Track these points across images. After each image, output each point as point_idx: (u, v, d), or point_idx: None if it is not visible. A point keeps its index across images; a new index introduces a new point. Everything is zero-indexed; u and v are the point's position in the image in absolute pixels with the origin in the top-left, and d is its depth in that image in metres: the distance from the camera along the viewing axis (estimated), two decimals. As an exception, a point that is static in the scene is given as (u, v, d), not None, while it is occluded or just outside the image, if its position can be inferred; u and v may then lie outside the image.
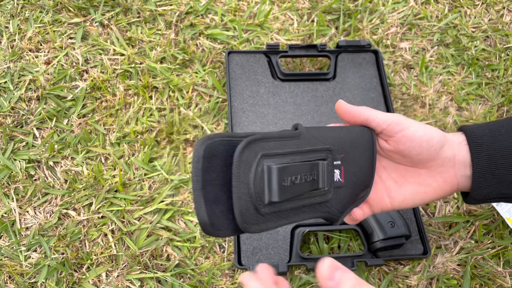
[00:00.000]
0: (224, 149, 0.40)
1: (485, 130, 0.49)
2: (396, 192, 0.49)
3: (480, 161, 0.48)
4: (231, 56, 0.89)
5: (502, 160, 0.47)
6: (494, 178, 0.48)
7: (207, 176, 0.39)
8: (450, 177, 0.48)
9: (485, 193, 0.49)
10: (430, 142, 0.46)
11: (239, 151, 0.39)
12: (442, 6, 1.01)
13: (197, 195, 0.38)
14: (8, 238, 0.73)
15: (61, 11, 0.95)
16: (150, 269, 0.71)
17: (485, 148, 0.48)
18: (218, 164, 0.39)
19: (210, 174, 0.39)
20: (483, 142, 0.48)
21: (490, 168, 0.48)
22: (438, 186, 0.48)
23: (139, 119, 0.83)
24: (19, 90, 0.85)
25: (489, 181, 0.48)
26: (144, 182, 0.78)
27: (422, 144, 0.46)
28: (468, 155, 0.48)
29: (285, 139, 0.42)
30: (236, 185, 0.38)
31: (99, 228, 0.74)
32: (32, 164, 0.79)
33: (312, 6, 0.98)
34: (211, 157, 0.39)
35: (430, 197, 0.49)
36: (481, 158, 0.48)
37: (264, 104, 0.85)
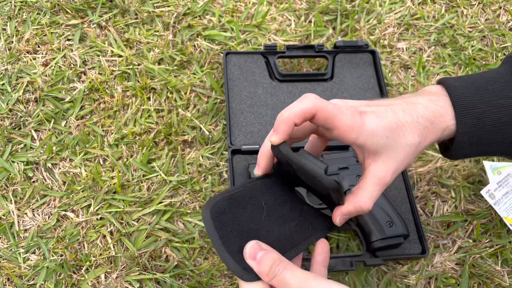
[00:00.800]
0: (228, 204, 0.44)
1: (471, 90, 0.47)
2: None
3: (465, 124, 0.46)
4: (229, 57, 0.89)
5: (488, 121, 0.46)
6: (478, 139, 0.47)
7: (222, 232, 0.42)
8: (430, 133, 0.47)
9: (466, 152, 0.49)
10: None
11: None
12: (439, 6, 1.02)
13: (221, 251, 0.42)
14: (6, 240, 0.73)
15: (59, 12, 0.95)
16: (149, 270, 0.71)
17: (471, 109, 0.46)
18: (228, 219, 0.43)
19: (225, 229, 0.43)
20: (469, 103, 0.47)
21: (475, 130, 0.47)
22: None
23: (137, 120, 0.83)
24: (17, 92, 0.85)
25: (473, 142, 0.47)
26: (142, 183, 0.78)
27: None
28: (451, 118, 0.47)
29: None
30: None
31: (98, 229, 0.74)
32: (30, 166, 0.79)
33: (310, 6, 0.99)
34: (220, 215, 0.43)
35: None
36: (466, 120, 0.46)
37: (262, 104, 0.85)
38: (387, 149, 0.45)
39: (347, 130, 0.44)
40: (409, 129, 0.45)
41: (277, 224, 0.46)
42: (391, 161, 0.45)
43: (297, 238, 0.46)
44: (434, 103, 0.48)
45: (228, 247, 0.42)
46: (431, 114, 0.47)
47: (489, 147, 0.48)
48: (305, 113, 0.44)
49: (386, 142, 0.45)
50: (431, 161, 0.82)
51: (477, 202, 0.79)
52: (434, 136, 0.47)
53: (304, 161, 0.42)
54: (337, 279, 0.72)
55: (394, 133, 0.45)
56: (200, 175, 0.79)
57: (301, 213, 0.48)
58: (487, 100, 0.46)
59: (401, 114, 0.46)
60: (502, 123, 0.46)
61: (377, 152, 0.45)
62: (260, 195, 0.47)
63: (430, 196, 0.80)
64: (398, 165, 0.46)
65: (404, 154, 0.46)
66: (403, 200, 0.78)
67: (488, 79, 0.48)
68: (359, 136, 0.44)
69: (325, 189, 0.44)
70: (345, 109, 0.45)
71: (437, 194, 0.80)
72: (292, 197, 0.50)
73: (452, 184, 0.80)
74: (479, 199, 0.79)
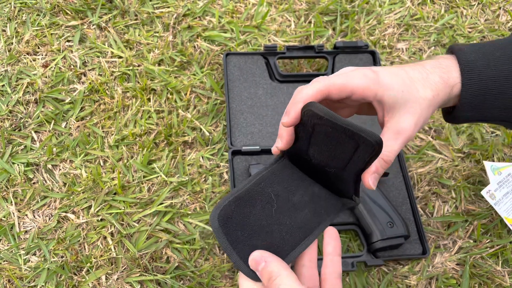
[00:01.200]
0: (235, 207, 0.44)
1: (478, 54, 0.48)
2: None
3: (471, 87, 0.48)
4: (229, 58, 0.89)
5: (492, 85, 0.47)
6: (481, 102, 0.48)
7: (232, 237, 0.42)
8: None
9: (469, 115, 0.50)
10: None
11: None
12: (439, 6, 1.02)
13: (233, 258, 0.41)
14: (7, 242, 0.73)
15: (58, 14, 0.95)
16: (150, 272, 0.71)
17: (477, 73, 0.47)
18: (237, 222, 0.43)
19: (234, 233, 0.42)
20: (476, 67, 0.48)
21: (480, 94, 0.48)
22: None
23: (138, 121, 0.83)
24: (17, 93, 0.85)
25: (476, 106, 0.48)
26: (143, 184, 0.78)
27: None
28: (458, 76, 0.48)
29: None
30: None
31: (99, 231, 0.74)
32: (30, 168, 0.78)
33: (309, 7, 0.99)
34: (228, 221, 0.42)
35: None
36: (472, 84, 0.48)
37: (262, 105, 0.85)
38: (404, 103, 0.46)
39: (364, 88, 0.45)
40: (421, 85, 0.47)
41: (289, 215, 0.45)
42: (409, 114, 0.46)
43: (311, 225, 0.45)
44: (442, 64, 0.49)
45: (239, 252, 0.41)
46: (440, 71, 0.48)
47: (491, 112, 0.49)
48: (318, 94, 0.45)
49: (403, 96, 0.46)
50: (431, 162, 0.83)
51: (477, 203, 0.79)
52: (445, 92, 0.48)
53: (345, 120, 0.41)
54: (338, 279, 0.72)
55: (408, 88, 0.46)
56: (201, 176, 0.79)
57: (312, 197, 0.47)
58: (493, 65, 0.48)
59: (412, 72, 0.48)
60: (507, 89, 0.47)
61: (395, 107, 0.46)
62: (268, 186, 0.46)
63: (431, 196, 0.80)
64: (416, 118, 0.46)
65: (420, 107, 0.46)
66: (404, 201, 0.78)
67: (496, 46, 0.49)
68: (377, 91, 0.45)
69: (352, 151, 0.42)
70: (356, 72, 0.46)
71: (437, 194, 0.80)
72: (302, 181, 0.48)
73: (452, 185, 0.80)
74: (480, 200, 0.79)
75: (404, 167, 0.80)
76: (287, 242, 0.43)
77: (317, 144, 0.45)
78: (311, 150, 0.46)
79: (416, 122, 0.46)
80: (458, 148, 0.84)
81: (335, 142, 0.43)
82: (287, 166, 0.49)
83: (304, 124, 0.44)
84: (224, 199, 0.44)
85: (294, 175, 0.48)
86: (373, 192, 0.74)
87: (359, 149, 0.41)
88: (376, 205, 0.73)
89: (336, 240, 0.44)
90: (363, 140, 0.40)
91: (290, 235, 0.44)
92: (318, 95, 0.45)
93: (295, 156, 0.49)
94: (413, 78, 0.47)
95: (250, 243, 0.42)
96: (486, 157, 0.83)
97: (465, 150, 0.84)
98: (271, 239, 0.43)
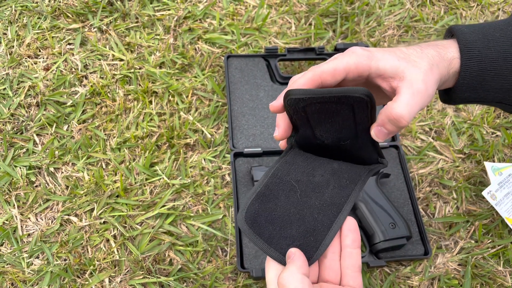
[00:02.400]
0: (259, 204, 0.43)
1: (478, 34, 0.48)
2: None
3: (470, 68, 0.47)
4: (230, 60, 0.89)
5: (490, 66, 0.47)
6: (479, 84, 0.48)
7: (265, 235, 0.41)
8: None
9: (466, 95, 0.49)
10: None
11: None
12: (438, 8, 1.02)
13: (274, 255, 0.40)
14: (10, 245, 0.73)
15: (59, 17, 0.95)
16: (153, 274, 0.71)
17: (477, 53, 0.47)
18: (266, 218, 0.42)
19: (266, 230, 0.42)
20: (475, 47, 0.47)
21: (478, 75, 0.47)
22: None
23: (139, 124, 0.84)
24: (19, 96, 0.85)
25: (474, 86, 0.48)
26: (145, 187, 0.78)
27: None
28: (456, 52, 0.47)
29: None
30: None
31: (101, 233, 0.74)
32: (33, 171, 0.79)
33: (310, 9, 0.99)
34: (256, 219, 0.42)
35: None
36: (471, 65, 0.47)
37: (264, 107, 0.85)
38: (405, 68, 0.44)
39: (356, 64, 0.44)
40: (417, 57, 0.46)
41: (315, 196, 0.44)
42: (416, 73, 0.44)
43: (341, 200, 0.44)
44: (438, 43, 0.49)
45: (277, 248, 0.41)
46: (435, 47, 0.47)
47: (488, 93, 0.49)
48: (310, 83, 0.45)
49: (400, 64, 0.44)
50: (432, 162, 0.83)
51: (478, 203, 0.80)
52: (443, 65, 0.47)
53: (326, 89, 0.41)
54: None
55: (404, 59, 0.45)
56: (203, 178, 0.79)
57: (334, 173, 0.46)
58: (492, 46, 0.47)
59: (405, 49, 0.47)
60: (504, 70, 0.47)
61: (397, 73, 0.44)
62: (286, 175, 0.46)
63: (432, 197, 0.80)
64: (424, 76, 0.44)
65: (423, 69, 0.45)
66: (405, 202, 0.78)
67: (496, 26, 0.49)
68: (371, 63, 0.44)
69: (351, 115, 0.42)
70: (346, 53, 0.45)
71: (438, 195, 0.80)
72: (319, 161, 0.47)
73: (453, 185, 0.81)
74: (481, 200, 0.80)
75: (405, 168, 0.81)
76: (322, 222, 0.42)
77: (319, 124, 0.44)
78: (318, 132, 0.45)
79: (424, 79, 0.44)
80: (458, 149, 0.84)
81: (331, 114, 0.42)
82: (299, 153, 0.48)
83: (295, 111, 0.44)
84: (246, 200, 0.43)
85: (308, 159, 0.48)
86: (375, 193, 0.74)
87: (355, 109, 0.41)
88: (378, 206, 0.73)
89: (355, 232, 0.43)
90: (351, 99, 0.40)
91: (323, 214, 0.43)
92: (311, 85, 0.44)
93: (308, 145, 0.48)
94: (407, 53, 0.46)
95: (285, 234, 0.41)
96: (487, 158, 0.83)
97: (466, 151, 0.84)
98: (305, 224, 0.42)
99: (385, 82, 0.45)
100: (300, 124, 0.46)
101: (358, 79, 0.46)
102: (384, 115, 0.43)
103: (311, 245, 0.41)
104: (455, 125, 0.87)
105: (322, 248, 0.41)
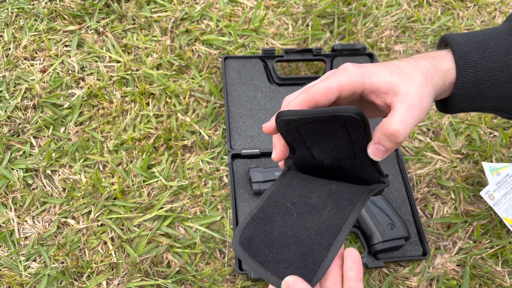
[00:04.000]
0: (254, 227, 0.42)
1: (473, 44, 0.47)
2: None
3: (466, 78, 0.47)
4: (227, 62, 0.89)
5: (487, 76, 0.46)
6: (476, 93, 0.47)
7: (261, 258, 0.40)
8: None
9: (463, 105, 0.49)
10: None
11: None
12: (435, 8, 1.02)
13: (270, 279, 0.39)
14: (7, 248, 0.73)
15: (56, 19, 0.94)
16: (151, 277, 0.71)
17: (472, 64, 0.46)
18: (261, 241, 0.42)
19: (262, 254, 0.41)
20: (471, 57, 0.47)
21: (475, 85, 0.47)
22: None
23: (137, 126, 0.83)
24: (15, 99, 0.85)
25: (471, 95, 0.47)
26: (143, 189, 0.78)
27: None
28: (450, 63, 0.47)
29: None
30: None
31: (99, 236, 0.73)
32: (29, 173, 0.78)
33: (307, 10, 0.99)
34: (251, 243, 0.41)
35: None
36: (467, 75, 0.46)
37: (261, 108, 0.85)
38: (399, 83, 0.43)
39: (349, 81, 0.43)
40: (411, 70, 0.45)
41: (312, 218, 0.43)
42: (410, 88, 0.43)
43: (339, 221, 0.42)
44: (432, 54, 0.48)
45: (273, 271, 0.40)
46: (430, 59, 0.47)
47: (485, 102, 0.49)
48: (303, 105, 0.44)
49: (393, 79, 0.43)
50: (430, 163, 0.83)
51: (476, 203, 0.79)
52: (438, 77, 0.46)
53: (316, 110, 0.39)
54: (339, 282, 0.72)
55: (397, 74, 0.44)
56: (201, 180, 0.79)
57: (331, 194, 0.45)
58: (488, 56, 0.47)
59: (398, 62, 0.46)
60: (501, 79, 0.47)
61: (391, 88, 0.43)
62: (281, 198, 0.45)
63: (430, 197, 0.80)
64: (419, 89, 0.43)
65: (417, 83, 0.44)
66: (403, 202, 0.78)
67: (490, 35, 0.48)
68: (364, 79, 0.43)
69: (345, 135, 0.40)
70: (338, 71, 0.44)
71: (436, 195, 0.80)
72: (316, 183, 0.46)
73: (451, 186, 0.81)
74: (479, 200, 0.80)
75: (403, 169, 0.80)
76: (319, 244, 0.41)
77: (315, 144, 0.44)
78: (315, 153, 0.45)
79: (420, 93, 0.43)
80: (456, 149, 0.84)
81: (325, 134, 0.41)
82: (296, 175, 0.47)
83: (288, 132, 0.43)
84: (241, 224, 0.42)
85: (305, 181, 0.47)
86: (373, 194, 0.74)
87: (349, 128, 0.40)
88: (376, 207, 0.73)
89: (359, 264, 0.42)
90: (342, 118, 0.38)
91: (321, 236, 0.41)
92: (304, 106, 0.43)
93: (306, 165, 0.47)
94: (400, 66, 0.45)
95: (281, 257, 0.40)
96: (485, 158, 0.83)
97: (464, 151, 0.84)
98: (302, 247, 0.41)
99: (379, 99, 0.45)
100: (296, 145, 0.45)
101: (352, 97, 0.45)
102: (380, 132, 0.42)
103: (309, 267, 0.40)
104: (453, 125, 0.87)
105: (322, 271, 0.40)
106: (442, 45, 0.52)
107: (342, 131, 0.40)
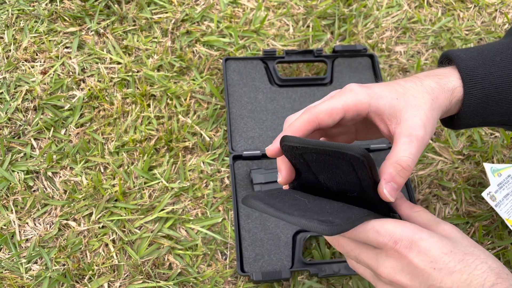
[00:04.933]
0: (263, 194, 0.40)
1: (478, 60, 0.47)
2: None
3: (474, 95, 0.46)
4: (228, 63, 0.89)
5: (495, 92, 0.46)
6: (483, 110, 0.47)
7: (278, 205, 0.38)
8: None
9: (470, 122, 0.49)
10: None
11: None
12: (436, 9, 1.02)
13: (291, 219, 0.36)
14: (8, 251, 0.72)
15: (56, 20, 0.94)
16: (153, 278, 0.70)
17: (479, 80, 0.46)
18: (272, 198, 0.39)
19: (275, 198, 0.39)
20: (478, 74, 0.46)
21: (483, 102, 0.46)
22: None
23: (138, 127, 0.83)
24: (16, 100, 0.84)
25: (478, 112, 0.47)
26: (144, 190, 0.78)
27: None
28: (457, 80, 0.46)
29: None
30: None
31: (100, 238, 0.73)
32: (30, 175, 0.78)
33: (307, 11, 0.99)
34: (264, 197, 0.39)
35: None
36: (474, 92, 0.46)
37: (262, 109, 0.85)
38: (403, 108, 0.43)
39: (355, 102, 0.43)
40: (416, 92, 0.44)
41: (326, 203, 0.40)
42: (414, 117, 0.43)
43: (352, 211, 0.39)
44: (437, 72, 0.47)
45: (299, 213, 0.36)
46: (435, 78, 0.46)
47: (493, 118, 0.49)
48: (306, 126, 0.43)
49: (398, 103, 0.43)
50: (431, 164, 0.83)
51: (478, 204, 0.79)
52: (445, 96, 0.45)
53: (321, 142, 0.38)
54: (341, 284, 0.72)
55: (403, 96, 0.44)
56: (202, 181, 0.79)
57: (340, 207, 0.41)
58: (495, 71, 0.46)
59: (403, 82, 0.45)
60: (508, 95, 0.47)
61: (396, 114, 0.43)
62: (286, 194, 0.42)
63: (432, 199, 0.80)
64: (423, 119, 0.43)
65: (422, 110, 0.43)
66: (405, 203, 0.78)
67: (495, 50, 0.48)
68: (370, 101, 0.43)
69: (351, 171, 0.38)
70: (343, 91, 0.44)
71: (438, 196, 0.80)
72: (322, 199, 0.43)
73: (453, 187, 0.80)
74: (480, 201, 0.80)
75: (405, 170, 0.80)
76: (344, 212, 0.38)
77: (321, 172, 0.41)
78: (321, 179, 0.42)
79: (424, 123, 0.43)
80: (457, 150, 0.84)
81: (330, 166, 0.40)
82: (298, 192, 0.45)
83: (293, 157, 0.42)
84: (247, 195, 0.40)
85: (307, 196, 0.43)
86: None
87: (355, 166, 0.38)
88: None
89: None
90: (348, 157, 0.37)
91: (343, 212, 0.38)
92: (307, 127, 0.42)
93: (314, 188, 0.45)
94: (406, 87, 0.45)
95: (304, 208, 0.37)
96: (486, 159, 0.83)
97: (465, 152, 0.84)
98: (323, 209, 0.38)
99: (382, 123, 0.44)
100: (302, 169, 0.43)
101: (356, 118, 0.44)
102: (392, 167, 0.41)
103: (341, 216, 0.36)
104: (454, 126, 0.87)
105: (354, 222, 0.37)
106: (445, 62, 0.51)
107: (348, 167, 0.39)
